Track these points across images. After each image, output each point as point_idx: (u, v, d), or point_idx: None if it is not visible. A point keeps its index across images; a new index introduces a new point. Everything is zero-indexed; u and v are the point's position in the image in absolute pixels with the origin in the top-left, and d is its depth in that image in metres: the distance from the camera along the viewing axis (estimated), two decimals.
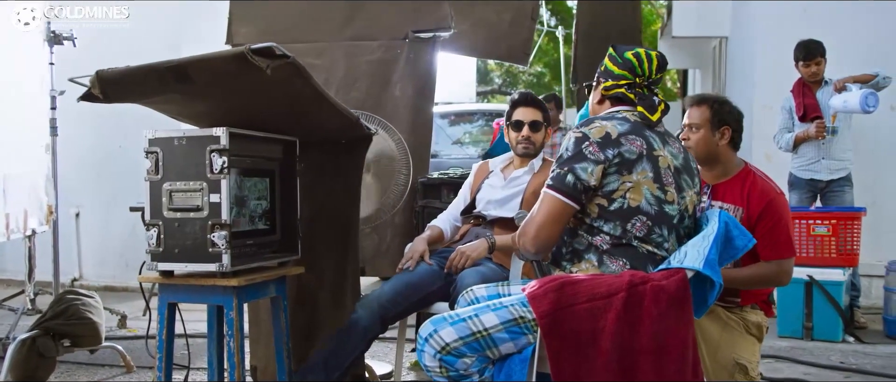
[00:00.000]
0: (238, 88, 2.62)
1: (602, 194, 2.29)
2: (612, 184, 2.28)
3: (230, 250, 2.63)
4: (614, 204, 2.28)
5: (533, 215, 2.33)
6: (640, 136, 2.31)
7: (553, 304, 2.10)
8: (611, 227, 2.29)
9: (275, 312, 3.04)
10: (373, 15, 4.53)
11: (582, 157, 2.26)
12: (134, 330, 5.11)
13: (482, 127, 8.95)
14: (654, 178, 2.30)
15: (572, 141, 2.30)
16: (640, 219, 2.29)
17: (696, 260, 2.10)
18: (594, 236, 2.32)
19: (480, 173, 3.71)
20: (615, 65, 2.49)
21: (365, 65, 4.45)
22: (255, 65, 2.33)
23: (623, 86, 2.46)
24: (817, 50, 5.17)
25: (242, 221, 2.84)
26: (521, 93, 3.69)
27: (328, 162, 3.26)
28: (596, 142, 2.28)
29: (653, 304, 2.06)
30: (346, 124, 3.03)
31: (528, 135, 3.51)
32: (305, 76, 2.56)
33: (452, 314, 2.31)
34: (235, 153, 2.68)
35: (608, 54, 2.54)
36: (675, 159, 2.38)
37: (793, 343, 4.73)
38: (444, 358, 2.25)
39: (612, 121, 2.34)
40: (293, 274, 3.05)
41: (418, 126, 4.43)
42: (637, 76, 2.46)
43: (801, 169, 5.27)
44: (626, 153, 2.27)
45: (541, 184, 3.48)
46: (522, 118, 3.54)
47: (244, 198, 2.85)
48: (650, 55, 2.47)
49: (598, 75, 2.57)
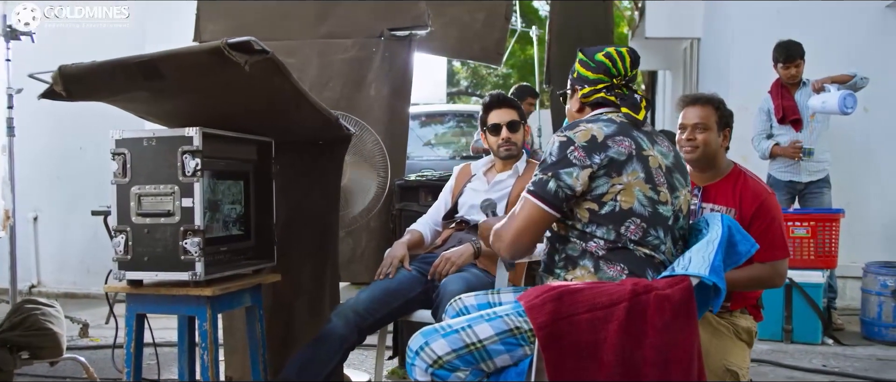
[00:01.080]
0: (212, 85, 2.47)
1: (591, 198, 2.19)
2: (602, 187, 2.17)
3: (204, 257, 2.48)
4: (605, 207, 2.18)
5: (512, 218, 2.23)
6: (627, 137, 2.21)
7: (551, 315, 1.98)
8: (604, 232, 2.19)
9: (250, 322, 2.89)
10: (346, 12, 4.39)
11: (567, 162, 2.16)
12: (97, 340, 4.89)
13: (453, 128, 8.84)
14: (645, 179, 2.19)
15: (556, 145, 2.20)
16: (633, 222, 2.18)
17: (701, 266, 2.01)
18: (588, 242, 2.21)
19: (462, 176, 3.59)
20: (588, 69, 2.37)
21: (339, 64, 4.31)
22: (232, 61, 2.18)
23: (601, 90, 2.35)
24: (797, 51, 5.13)
25: (216, 227, 2.69)
26: (494, 95, 3.55)
27: (305, 164, 3.12)
28: (581, 146, 2.17)
29: (657, 315, 1.95)
30: (324, 124, 2.89)
31: (508, 136, 3.39)
32: (285, 73, 2.43)
33: (444, 325, 2.19)
34: (208, 154, 2.53)
35: (578, 59, 2.42)
36: (665, 158, 2.28)
37: (773, 345, 4.70)
38: (437, 372, 2.13)
39: (598, 124, 2.23)
40: (269, 282, 2.90)
41: (394, 127, 4.31)
42: (613, 77, 2.35)
43: (780, 171, 5.24)
44: (615, 155, 2.17)
45: (522, 187, 3.41)
46: (499, 120, 3.42)
47: (217, 203, 2.70)
48: (621, 53, 2.36)
49: (572, 82, 2.45)
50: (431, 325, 2.24)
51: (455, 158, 8.12)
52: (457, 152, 8.44)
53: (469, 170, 3.61)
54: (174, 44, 2.63)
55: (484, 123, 3.48)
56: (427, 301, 3.06)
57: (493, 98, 3.51)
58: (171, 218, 2.50)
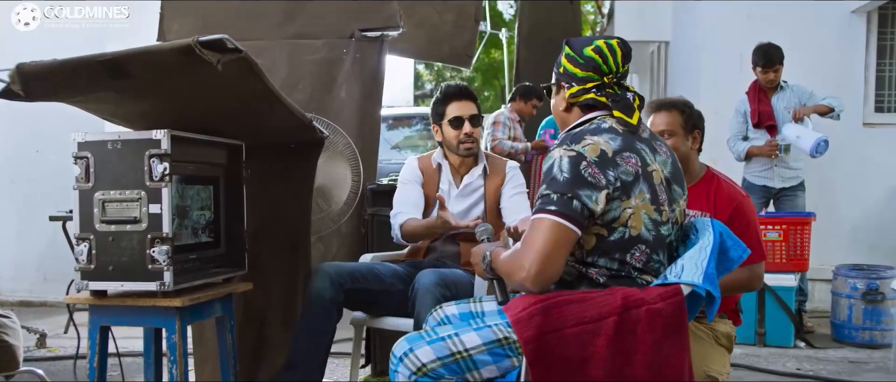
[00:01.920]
0: (182, 86, 2.36)
1: (602, 223, 1.99)
2: (614, 212, 1.98)
3: (172, 266, 2.36)
4: (615, 234, 2.00)
5: (530, 244, 1.91)
6: (632, 152, 2.03)
7: (539, 329, 1.89)
8: (607, 260, 2.02)
9: (220, 333, 2.77)
10: (316, 12, 4.28)
11: (583, 182, 1.94)
12: (55, 350, 4.71)
13: (420, 131, 8.75)
14: (650, 199, 2.03)
15: (566, 161, 1.97)
16: (639, 249, 2.03)
17: (694, 273, 1.95)
18: (588, 268, 2.04)
19: (430, 173, 3.33)
20: (577, 66, 2.15)
21: (308, 65, 4.20)
22: (204, 60, 2.07)
23: (591, 90, 2.13)
24: (776, 56, 5.10)
25: (184, 234, 2.57)
26: (454, 85, 3.29)
27: (277, 168, 3.01)
28: (593, 161, 1.96)
29: (648, 330, 1.88)
30: (298, 126, 2.79)
31: (470, 131, 3.16)
32: (258, 73, 2.32)
33: (430, 331, 2.10)
34: (177, 158, 2.41)
35: (565, 53, 2.18)
36: (665, 168, 2.13)
37: (747, 349, 4.69)
38: (420, 380, 2.05)
39: (602, 136, 2.02)
40: (240, 291, 2.78)
41: (365, 130, 4.21)
42: (604, 74, 2.13)
43: (755, 175, 5.25)
44: (624, 175, 1.99)
45: (497, 189, 3.30)
46: (461, 113, 3.17)
47: (186, 209, 2.59)
48: (612, 46, 2.13)
49: (558, 78, 2.22)
50: (416, 331, 2.16)
51: None
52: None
53: (433, 168, 3.35)
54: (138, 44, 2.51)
55: (441, 115, 3.23)
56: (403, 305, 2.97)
57: (453, 88, 3.25)
58: (138, 226, 2.38)
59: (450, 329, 2.09)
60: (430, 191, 3.29)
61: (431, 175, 3.33)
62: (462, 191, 3.26)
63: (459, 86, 3.27)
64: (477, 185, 3.26)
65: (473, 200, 3.27)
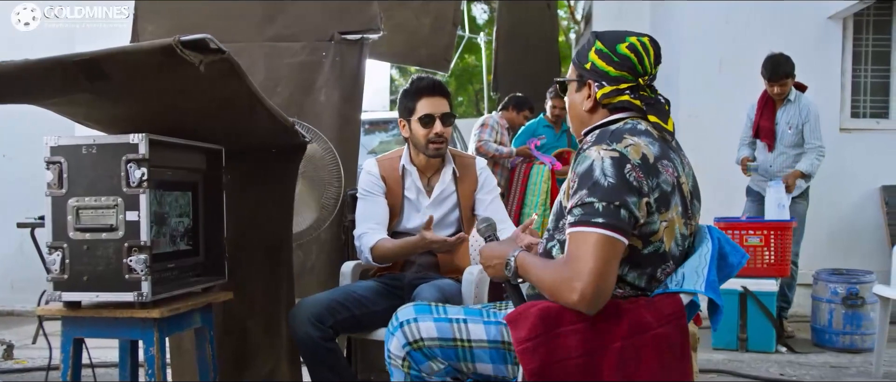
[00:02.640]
0: (161, 87, 2.26)
1: (638, 234, 1.84)
2: (653, 225, 1.85)
3: (150, 276, 2.26)
4: (649, 247, 1.87)
5: (580, 264, 1.75)
6: (669, 161, 1.90)
7: (543, 360, 1.81)
8: (636, 276, 1.90)
9: (200, 344, 2.67)
10: (295, 14, 4.19)
11: (629, 187, 1.78)
12: (23, 362, 4.55)
13: (397, 136, 8.65)
14: (682, 213, 1.92)
15: (608, 163, 1.80)
16: (668, 265, 1.92)
17: (695, 282, 1.90)
18: (615, 286, 1.86)
19: (393, 179, 3.13)
20: (610, 64, 1.97)
21: (287, 69, 4.11)
22: (186, 61, 1.98)
23: (625, 91, 1.98)
24: (783, 69, 4.97)
25: (162, 242, 2.47)
26: (426, 79, 3.04)
27: (258, 173, 2.92)
28: (638, 165, 1.81)
29: (654, 356, 1.81)
30: (280, 131, 2.70)
31: (441, 131, 2.96)
32: (241, 75, 2.23)
33: (440, 308, 2.02)
34: (155, 163, 2.31)
35: (595, 48, 2.00)
36: (689, 181, 1.99)
37: (729, 355, 4.67)
38: (413, 353, 1.99)
39: (641, 139, 1.87)
40: (221, 300, 2.69)
41: (345, 134, 4.12)
42: (639, 76, 1.98)
43: (754, 183, 5.30)
44: (664, 184, 1.85)
45: (471, 194, 3.15)
46: (433, 110, 2.96)
47: (164, 216, 2.49)
48: (645, 44, 1.98)
49: (583, 74, 2.04)
50: (425, 302, 2.08)
51: None
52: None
53: (397, 171, 3.13)
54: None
55: (410, 111, 3.01)
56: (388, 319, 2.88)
57: (426, 82, 3.01)
58: (114, 234, 2.28)
59: (460, 312, 2.01)
60: (395, 200, 3.09)
61: (395, 181, 3.12)
62: (435, 200, 3.10)
63: (432, 81, 3.04)
64: (449, 191, 3.11)
65: (448, 208, 3.14)
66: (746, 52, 5.91)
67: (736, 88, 5.87)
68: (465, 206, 3.12)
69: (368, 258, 3.01)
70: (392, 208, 3.08)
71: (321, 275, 4.13)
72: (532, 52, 8.20)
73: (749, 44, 5.88)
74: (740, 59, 5.90)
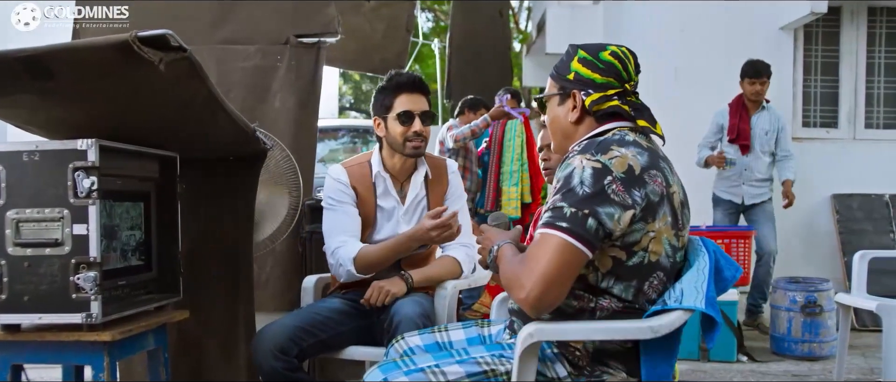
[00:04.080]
0: (114, 89, 2.07)
1: (621, 244, 1.78)
2: (636, 235, 1.78)
3: (100, 295, 2.07)
4: (634, 258, 1.80)
5: (531, 262, 1.73)
6: (658, 170, 1.82)
7: None
8: (622, 289, 1.82)
9: (153, 367, 2.47)
10: (248, 16, 4.01)
11: (606, 199, 1.73)
12: None
13: (347, 144, 8.48)
14: (672, 223, 1.84)
15: (589, 172, 1.75)
16: (657, 276, 1.84)
17: (695, 298, 1.80)
18: (599, 298, 1.82)
19: (364, 186, 2.88)
20: (595, 71, 1.93)
21: (240, 73, 3.92)
22: (144, 59, 1.80)
23: (614, 98, 1.91)
24: (764, 69, 5.14)
25: (112, 257, 2.27)
26: (406, 74, 2.85)
27: (215, 182, 2.73)
28: (620, 178, 1.75)
29: None
30: (239, 137, 2.52)
31: (420, 130, 2.76)
32: (202, 76, 2.06)
33: (407, 361, 1.88)
34: (105, 172, 2.12)
35: (578, 58, 1.96)
36: (680, 190, 1.92)
37: (691, 365, 4.63)
38: None
39: (629, 149, 1.80)
40: (176, 320, 2.49)
41: (302, 142, 3.96)
42: (625, 82, 1.94)
43: (722, 190, 5.32)
44: (652, 194, 1.78)
45: (441, 195, 2.94)
46: (412, 108, 2.76)
47: (114, 229, 2.29)
48: (626, 53, 1.96)
49: (566, 85, 1.97)
50: (390, 360, 1.94)
51: None
52: None
53: (367, 178, 2.88)
54: None
55: (387, 108, 2.79)
56: (360, 335, 2.72)
57: (405, 78, 2.81)
58: (60, 249, 2.07)
59: (429, 358, 1.88)
60: (367, 209, 2.87)
61: (367, 189, 2.88)
62: (409, 207, 2.89)
63: (412, 76, 2.85)
64: (421, 196, 2.91)
65: (419, 214, 2.90)
66: (702, 60, 5.95)
67: (692, 97, 5.89)
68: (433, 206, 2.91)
69: (351, 271, 2.73)
70: (364, 218, 2.87)
71: (276, 289, 3.95)
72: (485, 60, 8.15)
73: (704, 53, 5.91)
74: (696, 67, 5.92)
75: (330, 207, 2.87)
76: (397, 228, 2.84)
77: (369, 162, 2.90)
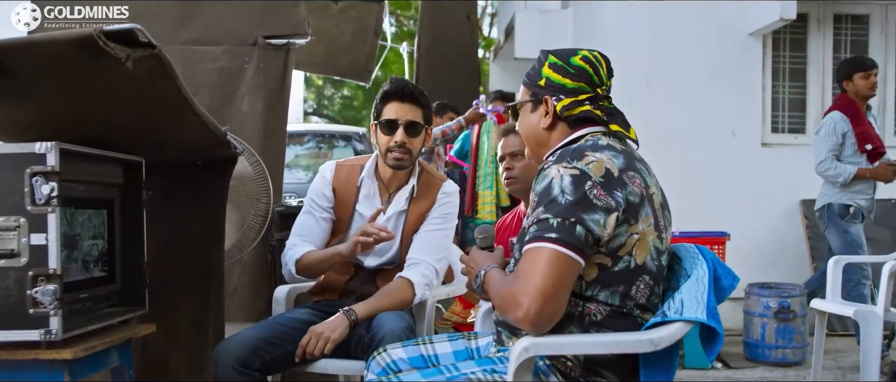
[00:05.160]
0: (76, 88, 1.93)
1: (606, 251, 1.76)
2: (620, 238, 1.76)
3: (61, 310, 1.92)
4: (619, 263, 1.77)
5: (524, 276, 1.68)
6: (635, 172, 1.81)
7: None
8: (608, 294, 1.78)
9: None
10: (214, 16, 3.87)
11: (589, 205, 1.70)
12: None
13: (312, 149, 8.32)
14: (654, 225, 1.82)
15: (568, 180, 1.73)
16: (643, 280, 1.81)
17: (696, 309, 1.73)
18: (586, 304, 1.78)
19: (347, 187, 2.78)
20: (566, 76, 1.92)
21: (206, 75, 3.77)
22: (109, 56, 1.67)
23: (585, 102, 1.91)
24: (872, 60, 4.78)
25: (73, 268, 2.12)
26: (398, 82, 2.73)
27: (182, 189, 2.59)
28: (599, 182, 1.73)
29: None
30: (209, 140, 2.39)
31: (403, 140, 2.64)
32: (171, 74, 1.94)
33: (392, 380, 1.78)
34: (65, 177, 1.97)
35: (549, 63, 1.95)
36: (659, 192, 1.90)
37: None
38: None
39: (604, 153, 1.79)
40: (141, 334, 2.34)
41: (271, 147, 3.82)
42: (597, 86, 1.93)
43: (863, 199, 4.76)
44: (631, 196, 1.76)
45: (421, 216, 2.78)
46: (397, 116, 2.65)
47: (76, 238, 2.14)
48: (597, 58, 1.96)
49: (537, 92, 1.96)
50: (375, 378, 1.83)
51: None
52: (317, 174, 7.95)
53: (353, 181, 2.79)
54: None
55: (377, 114, 2.71)
56: None
57: (395, 86, 2.70)
58: (15, 260, 1.92)
59: (418, 376, 1.77)
60: (344, 213, 2.77)
61: (349, 191, 2.77)
62: (387, 220, 2.75)
63: (403, 85, 2.72)
64: (401, 210, 2.76)
65: (396, 229, 2.76)
66: (673, 66, 5.93)
67: (662, 102, 5.86)
68: (408, 232, 2.76)
69: (292, 270, 2.71)
70: (339, 222, 2.76)
71: (244, 300, 3.80)
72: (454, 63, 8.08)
73: (675, 58, 5.89)
74: (667, 73, 5.90)
75: (305, 209, 2.83)
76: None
77: (363, 165, 2.82)
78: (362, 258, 2.76)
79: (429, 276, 2.66)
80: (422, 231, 2.77)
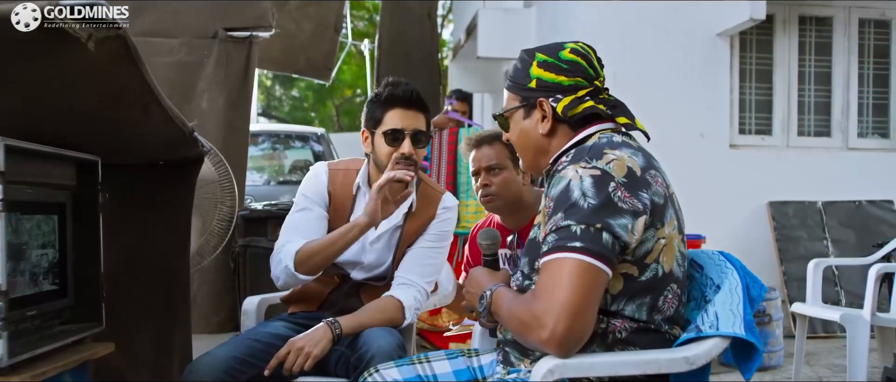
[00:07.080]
0: (23, 75, 1.67)
1: (632, 259, 1.58)
2: (648, 244, 1.58)
3: (6, 331, 1.67)
4: (647, 272, 1.59)
5: (550, 296, 1.49)
6: (656, 170, 1.64)
7: None
8: (634, 308, 1.60)
9: None
10: (171, 7, 3.64)
11: (614, 208, 1.53)
12: None
13: (267, 150, 8.03)
14: (678, 228, 1.65)
15: (589, 182, 1.55)
16: (671, 290, 1.63)
17: (732, 323, 1.58)
18: (611, 320, 1.59)
19: (341, 197, 2.52)
20: (560, 73, 1.72)
21: (161, 69, 3.52)
22: (67, 36, 1.44)
23: (586, 98, 1.72)
24: None
25: (20, 283, 1.86)
26: (402, 86, 2.41)
27: (143, 191, 2.34)
28: (623, 183, 1.55)
29: None
30: (176, 138, 2.16)
31: (409, 152, 2.35)
32: (137, 61, 1.70)
33: None
34: (11, 178, 1.72)
35: (537, 62, 1.75)
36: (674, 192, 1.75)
37: None
38: None
39: (623, 151, 1.62)
40: (99, 356, 2.09)
41: (233, 146, 3.60)
42: (593, 79, 1.74)
43: None
44: (655, 197, 1.59)
45: (418, 229, 2.53)
46: (403, 125, 2.36)
47: (22, 248, 1.88)
48: (585, 48, 1.77)
49: (528, 96, 1.77)
50: None
51: (270, 183, 7.34)
52: (272, 176, 7.65)
53: (349, 188, 2.52)
54: None
55: (376, 122, 2.40)
56: None
57: (402, 90, 2.39)
58: None
59: None
60: (339, 221, 2.47)
61: (346, 198, 2.51)
62: (381, 234, 2.49)
63: (408, 89, 2.41)
64: (397, 225, 2.51)
65: (383, 246, 2.52)
66: (640, 66, 5.84)
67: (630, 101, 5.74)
68: (403, 248, 2.53)
69: (289, 267, 2.33)
70: (331, 229, 2.46)
71: (204, 308, 3.57)
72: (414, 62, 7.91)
73: (640, 60, 5.80)
74: (634, 73, 5.80)
75: (299, 206, 2.48)
76: (362, 254, 2.47)
77: (357, 170, 2.53)
78: (349, 269, 2.53)
79: (419, 300, 2.45)
80: (416, 247, 2.53)
